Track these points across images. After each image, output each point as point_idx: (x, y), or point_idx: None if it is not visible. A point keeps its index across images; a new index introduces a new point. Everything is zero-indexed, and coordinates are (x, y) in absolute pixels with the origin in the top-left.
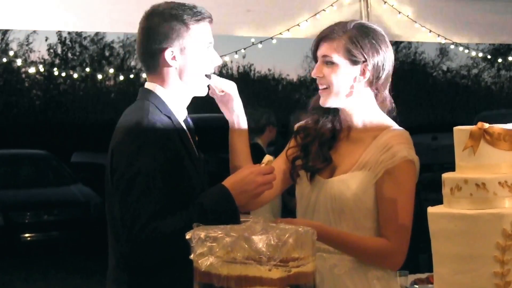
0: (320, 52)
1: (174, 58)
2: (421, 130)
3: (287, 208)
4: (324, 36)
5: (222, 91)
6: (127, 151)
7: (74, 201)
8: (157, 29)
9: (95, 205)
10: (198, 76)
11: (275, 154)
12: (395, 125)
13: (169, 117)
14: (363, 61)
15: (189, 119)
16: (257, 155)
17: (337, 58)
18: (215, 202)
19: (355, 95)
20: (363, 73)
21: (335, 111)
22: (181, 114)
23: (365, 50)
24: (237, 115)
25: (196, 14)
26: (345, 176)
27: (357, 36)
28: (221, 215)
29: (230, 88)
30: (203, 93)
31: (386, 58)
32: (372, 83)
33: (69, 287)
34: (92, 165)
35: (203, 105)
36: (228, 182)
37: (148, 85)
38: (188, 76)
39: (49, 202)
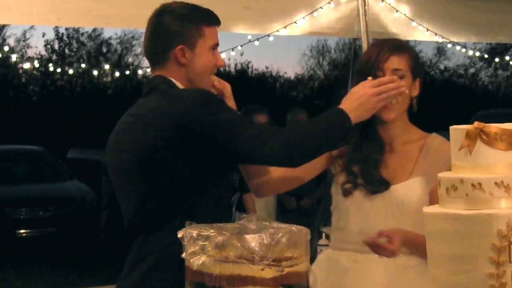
0: (390, 65)
1: (184, 56)
2: (418, 127)
3: (282, 207)
4: (394, 48)
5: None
6: (209, 109)
7: (70, 197)
8: (170, 27)
9: (91, 202)
10: (203, 76)
11: None
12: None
13: None
14: (419, 77)
15: None
16: None
17: (407, 72)
18: (331, 115)
19: None
20: (417, 88)
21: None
22: None
23: (422, 65)
24: None
25: (208, 18)
26: (408, 183)
27: (415, 52)
28: (338, 126)
29: (225, 88)
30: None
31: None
32: (417, 96)
33: (64, 283)
34: (88, 162)
35: None
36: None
37: (162, 73)
38: (195, 75)
39: (44, 198)
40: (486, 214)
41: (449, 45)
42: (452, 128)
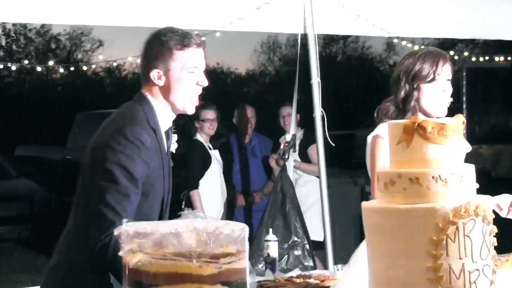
0: (445, 71)
1: (159, 78)
2: (369, 124)
3: (231, 203)
4: (446, 57)
5: None
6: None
7: (17, 195)
8: (148, 52)
9: (39, 200)
10: (181, 96)
11: (222, 149)
12: None
13: (154, 130)
14: None
15: (171, 131)
16: (199, 152)
17: (451, 76)
18: None
19: None
20: None
21: None
22: (165, 125)
23: None
24: None
25: (182, 41)
26: None
27: None
28: None
29: None
30: (190, 111)
31: None
32: None
33: (12, 282)
34: (36, 159)
35: None
36: None
37: (144, 91)
38: (171, 95)
39: None
40: (423, 208)
41: (395, 40)
42: (390, 123)
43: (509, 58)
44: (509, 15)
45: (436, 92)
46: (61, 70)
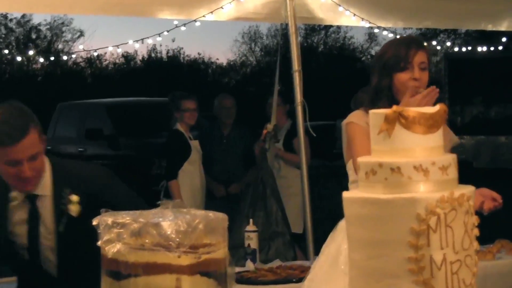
0: (418, 59)
1: None
2: None
3: (211, 194)
4: (419, 44)
5: None
6: None
7: None
8: None
9: None
10: (8, 181)
11: (202, 140)
12: None
13: None
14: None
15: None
16: (178, 142)
17: (427, 65)
18: None
19: None
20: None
21: None
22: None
23: None
24: None
25: (3, 141)
26: None
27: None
28: None
29: None
30: (21, 190)
31: None
32: None
33: None
34: None
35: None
36: None
37: None
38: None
39: None
40: (404, 198)
41: (377, 30)
42: (371, 112)
43: (491, 49)
44: (491, 5)
45: (407, 81)
46: (42, 60)
